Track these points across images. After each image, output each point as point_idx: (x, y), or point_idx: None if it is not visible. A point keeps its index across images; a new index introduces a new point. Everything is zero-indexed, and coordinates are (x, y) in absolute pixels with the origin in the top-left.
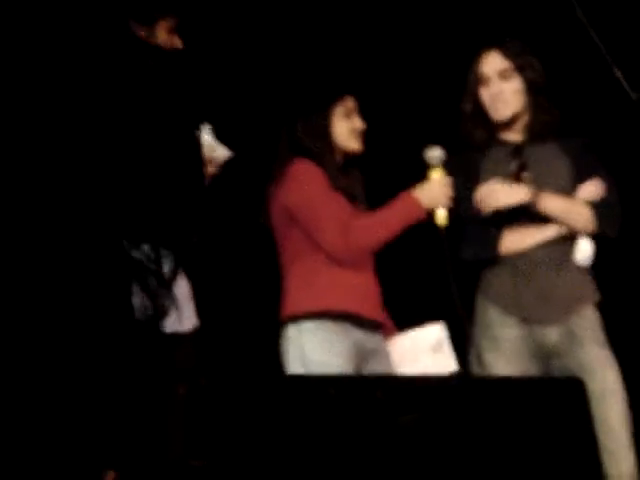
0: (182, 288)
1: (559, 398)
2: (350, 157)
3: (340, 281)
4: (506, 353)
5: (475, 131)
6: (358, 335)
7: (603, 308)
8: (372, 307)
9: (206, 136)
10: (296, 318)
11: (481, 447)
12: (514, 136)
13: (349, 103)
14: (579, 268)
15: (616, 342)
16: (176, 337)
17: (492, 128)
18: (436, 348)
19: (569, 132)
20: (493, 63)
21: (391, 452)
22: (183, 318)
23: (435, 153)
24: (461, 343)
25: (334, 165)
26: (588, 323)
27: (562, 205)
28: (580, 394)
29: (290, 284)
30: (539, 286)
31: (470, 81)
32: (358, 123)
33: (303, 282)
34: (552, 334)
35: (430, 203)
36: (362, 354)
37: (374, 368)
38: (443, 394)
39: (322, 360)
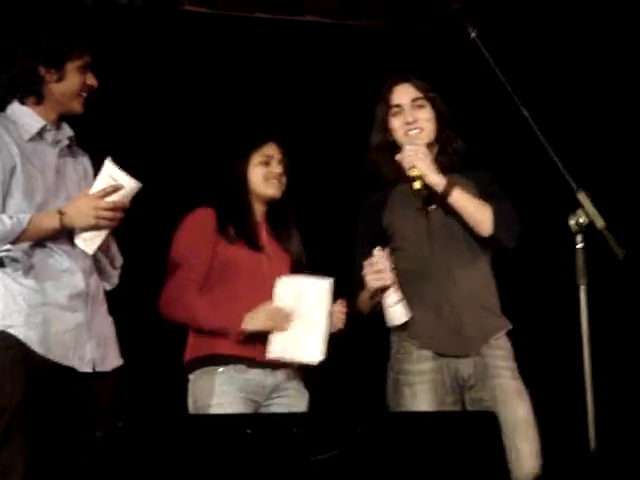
0: (105, 327)
1: (474, 431)
2: (274, 205)
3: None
4: (423, 386)
5: (384, 165)
6: (252, 375)
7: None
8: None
9: (110, 166)
10: (189, 364)
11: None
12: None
13: (268, 150)
14: (489, 298)
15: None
16: (96, 376)
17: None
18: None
19: (475, 164)
20: (406, 93)
21: None
22: (105, 358)
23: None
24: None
25: (243, 211)
26: (500, 353)
27: (469, 202)
28: (494, 427)
29: (190, 331)
30: (451, 320)
31: (379, 113)
32: (276, 169)
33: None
34: (466, 367)
35: (254, 327)
36: (261, 393)
37: (280, 403)
38: (361, 430)
39: (211, 404)
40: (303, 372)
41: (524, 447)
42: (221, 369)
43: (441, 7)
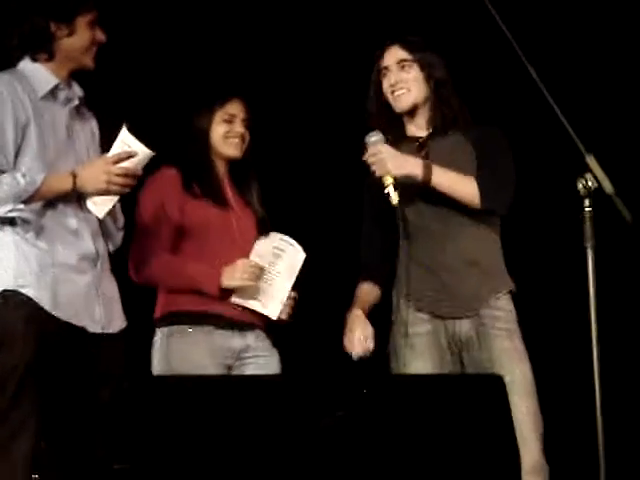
0: (110, 289)
1: (480, 394)
2: (235, 162)
3: None
4: (420, 349)
5: (382, 128)
6: (221, 338)
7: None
8: (236, 308)
9: (125, 133)
10: (159, 321)
11: (404, 445)
12: (418, 131)
13: (231, 108)
14: (489, 260)
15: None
16: (103, 338)
17: (399, 124)
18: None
19: (483, 123)
20: (393, 54)
21: (313, 454)
22: (112, 319)
23: (374, 138)
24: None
25: (206, 169)
26: (499, 314)
27: (451, 181)
28: (500, 390)
29: (160, 288)
30: (447, 282)
31: (372, 76)
32: (237, 128)
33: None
34: (463, 327)
35: (228, 284)
36: (231, 356)
37: (253, 363)
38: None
39: (183, 360)
40: (272, 336)
41: (521, 405)
42: (190, 329)
43: None
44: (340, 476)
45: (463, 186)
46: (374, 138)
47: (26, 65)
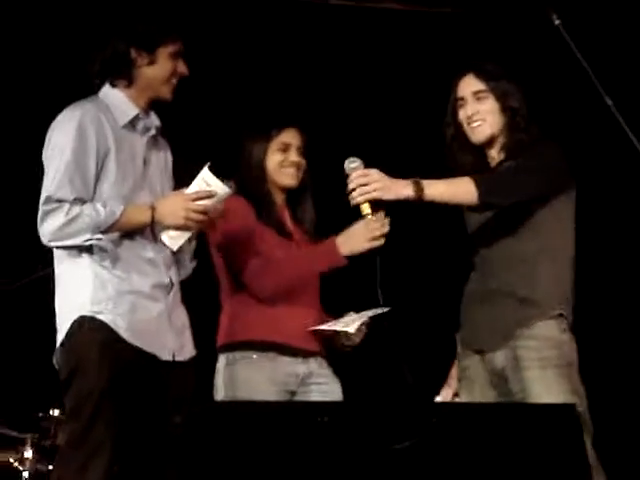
0: (182, 317)
1: (553, 424)
2: (293, 190)
3: (268, 313)
4: (469, 380)
5: (459, 154)
6: (284, 364)
7: None
8: (302, 336)
9: (206, 171)
10: (224, 349)
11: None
12: (494, 157)
13: (285, 137)
14: (531, 287)
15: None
16: (174, 365)
17: (476, 150)
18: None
19: None
20: (468, 85)
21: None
22: (183, 347)
23: (354, 164)
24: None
25: (265, 199)
26: (533, 344)
27: (443, 187)
28: (574, 419)
29: (224, 317)
30: (483, 314)
31: (449, 105)
32: (293, 157)
33: (234, 315)
34: (498, 360)
35: (351, 250)
36: (294, 382)
37: (317, 390)
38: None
39: (247, 387)
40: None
41: None
42: (255, 356)
43: None
44: None
45: (457, 188)
46: (355, 164)
47: (107, 92)
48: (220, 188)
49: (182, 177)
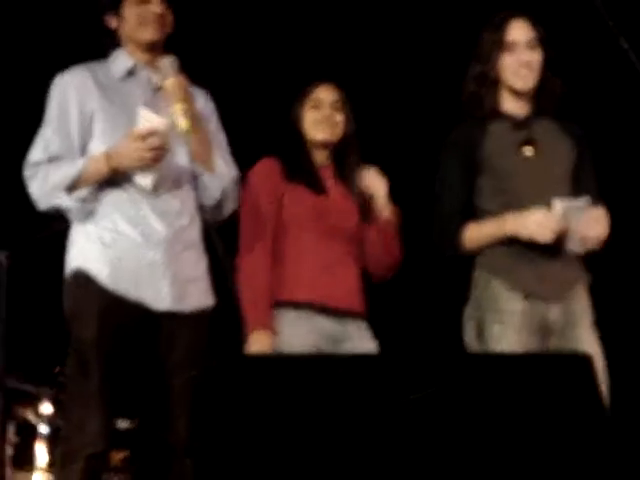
0: (189, 270)
1: (567, 374)
2: (328, 147)
3: (303, 272)
4: (513, 326)
5: (486, 98)
6: (323, 322)
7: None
8: (339, 297)
9: (144, 111)
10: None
11: (491, 425)
12: (518, 109)
13: (318, 93)
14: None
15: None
16: (174, 316)
17: (493, 98)
18: None
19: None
20: (523, 31)
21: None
22: (184, 298)
23: (167, 62)
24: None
25: (297, 157)
26: (583, 304)
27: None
28: (588, 370)
29: None
30: (538, 264)
31: (488, 44)
32: (325, 112)
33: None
34: (553, 312)
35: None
36: (331, 340)
37: (348, 350)
38: (454, 370)
39: (286, 344)
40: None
41: None
42: (292, 314)
43: None
44: (426, 454)
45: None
46: (169, 62)
47: (112, 53)
48: (161, 123)
49: None
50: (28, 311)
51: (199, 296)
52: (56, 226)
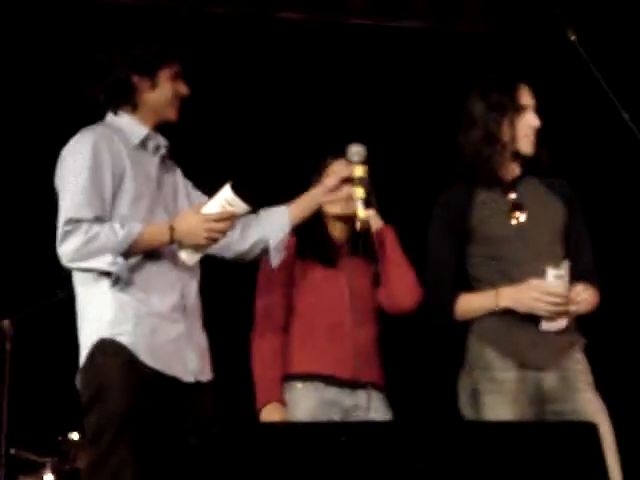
0: (202, 340)
1: (573, 443)
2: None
3: (312, 345)
4: (507, 395)
5: (491, 160)
6: (331, 394)
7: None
8: (348, 367)
9: (229, 191)
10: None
11: None
12: (511, 172)
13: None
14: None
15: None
16: (195, 387)
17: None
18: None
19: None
20: (529, 96)
21: None
22: (204, 369)
23: (355, 149)
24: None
25: (311, 232)
26: (580, 367)
27: None
28: (594, 438)
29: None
30: (531, 331)
31: (497, 113)
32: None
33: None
34: (548, 379)
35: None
36: (339, 411)
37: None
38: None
39: (293, 416)
40: (385, 392)
41: (612, 464)
42: (300, 385)
43: (541, 11)
44: None
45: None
46: (358, 149)
47: (114, 118)
48: (242, 208)
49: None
50: (32, 378)
51: (210, 368)
52: (60, 293)
